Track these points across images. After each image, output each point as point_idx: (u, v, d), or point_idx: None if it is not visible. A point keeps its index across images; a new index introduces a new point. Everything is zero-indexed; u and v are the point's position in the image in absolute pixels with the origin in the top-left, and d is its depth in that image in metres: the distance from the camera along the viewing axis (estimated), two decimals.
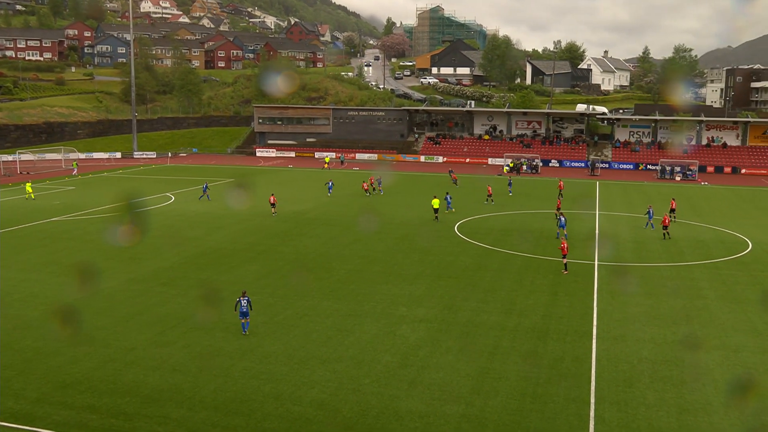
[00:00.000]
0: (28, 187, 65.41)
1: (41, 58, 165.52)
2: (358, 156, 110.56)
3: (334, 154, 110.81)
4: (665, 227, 47.48)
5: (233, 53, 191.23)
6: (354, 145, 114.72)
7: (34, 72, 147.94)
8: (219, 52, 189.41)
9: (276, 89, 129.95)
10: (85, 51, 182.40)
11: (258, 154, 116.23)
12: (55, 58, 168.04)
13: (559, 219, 47.36)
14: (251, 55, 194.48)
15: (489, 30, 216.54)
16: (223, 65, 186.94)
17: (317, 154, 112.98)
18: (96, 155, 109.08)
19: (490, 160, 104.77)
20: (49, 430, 19.73)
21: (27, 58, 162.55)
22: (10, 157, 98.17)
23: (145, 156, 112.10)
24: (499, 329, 28.45)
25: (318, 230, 49.70)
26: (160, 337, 27.23)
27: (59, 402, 21.48)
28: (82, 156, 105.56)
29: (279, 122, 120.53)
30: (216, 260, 40.20)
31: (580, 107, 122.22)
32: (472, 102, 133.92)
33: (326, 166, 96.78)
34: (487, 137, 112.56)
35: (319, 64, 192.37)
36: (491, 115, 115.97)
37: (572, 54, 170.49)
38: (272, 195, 57.34)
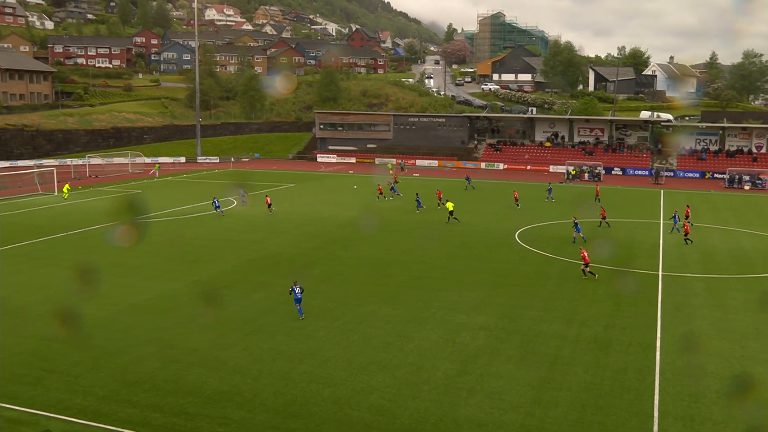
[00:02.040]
0: (66, 188, 69.52)
1: (110, 66, 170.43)
2: (419, 162, 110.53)
3: (395, 160, 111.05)
4: (686, 234, 47.83)
5: (295, 60, 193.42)
6: (414, 151, 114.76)
7: (104, 79, 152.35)
8: (281, 58, 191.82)
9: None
10: (152, 58, 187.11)
11: (319, 159, 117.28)
12: (124, 65, 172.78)
13: (576, 224, 48.08)
14: (313, 62, 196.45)
15: (551, 36, 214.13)
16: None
17: (378, 160, 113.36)
18: (161, 159, 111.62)
19: (551, 168, 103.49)
20: (114, 427, 20.26)
21: (97, 65, 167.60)
22: (80, 161, 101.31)
23: (208, 160, 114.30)
24: (560, 339, 28.03)
25: (379, 236, 49.84)
26: (222, 339, 27.67)
27: (124, 400, 22.03)
28: (148, 160, 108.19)
29: (340, 128, 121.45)
30: (276, 264, 40.68)
31: (645, 114, 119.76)
32: (534, 109, 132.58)
33: (391, 172, 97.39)
34: (548, 144, 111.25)
35: (380, 71, 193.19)
36: (553, 122, 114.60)
37: (636, 60, 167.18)
38: (267, 197, 61.74)
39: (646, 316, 31.28)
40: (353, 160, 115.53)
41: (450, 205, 55.77)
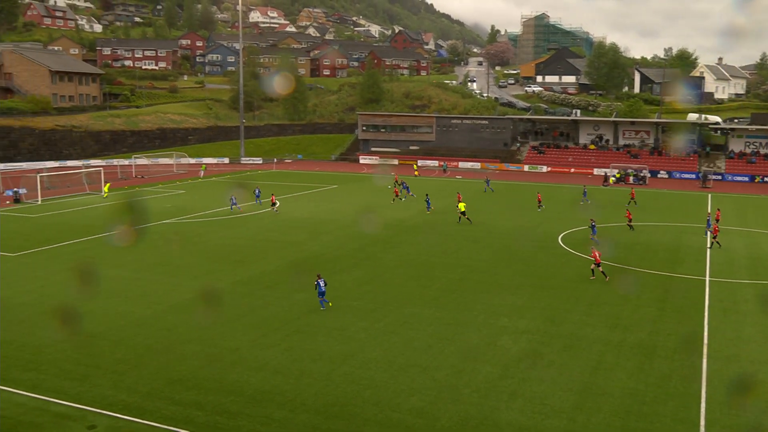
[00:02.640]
0: (106, 187, 71.46)
1: (156, 68, 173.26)
2: (461, 164, 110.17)
3: (437, 162, 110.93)
4: (715, 236, 47.19)
5: (338, 61, 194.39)
6: (457, 153, 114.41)
7: (150, 80, 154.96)
8: (324, 60, 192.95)
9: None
10: (197, 60, 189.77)
11: (361, 161, 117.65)
12: (169, 67, 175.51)
13: (592, 227, 48.39)
14: (356, 63, 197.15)
15: (595, 37, 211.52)
16: (328, 73, 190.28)
17: (420, 162, 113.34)
18: (205, 160, 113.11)
19: (595, 171, 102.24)
20: (158, 424, 20.57)
21: (144, 67, 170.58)
22: (126, 162, 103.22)
23: (251, 161, 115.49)
24: (603, 344, 27.66)
25: (421, 237, 49.80)
26: (264, 339, 27.91)
27: (168, 397, 22.35)
28: (192, 161, 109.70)
29: (382, 130, 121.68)
30: (318, 265, 40.81)
31: (692, 116, 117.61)
32: (578, 111, 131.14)
33: (417, 173, 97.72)
34: (592, 147, 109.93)
35: (423, 72, 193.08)
36: (597, 124, 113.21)
37: (684, 61, 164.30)
38: (272, 195, 64.18)
39: (693, 322, 30.70)
40: (396, 161, 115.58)
41: (462, 206, 56.42)
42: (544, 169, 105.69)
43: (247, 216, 59.12)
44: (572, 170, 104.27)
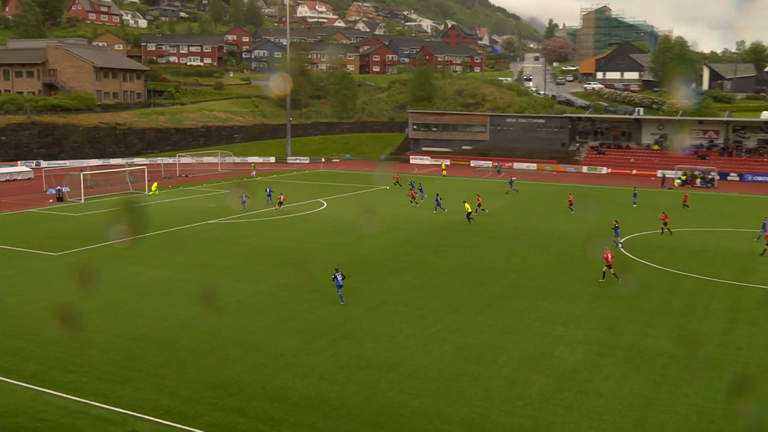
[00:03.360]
0: (154, 186, 73.47)
1: (201, 64, 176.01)
2: (516, 165, 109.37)
3: (491, 162, 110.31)
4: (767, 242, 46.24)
5: (388, 57, 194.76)
6: (512, 153, 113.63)
7: (195, 77, 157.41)
8: (374, 56, 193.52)
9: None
10: (243, 56, 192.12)
11: (412, 161, 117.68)
12: (215, 64, 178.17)
13: (615, 228, 48.26)
14: (406, 60, 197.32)
15: (661, 30, 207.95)
16: (378, 69, 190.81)
17: (473, 162, 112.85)
18: (250, 159, 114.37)
19: (659, 172, 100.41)
20: (200, 430, 20.80)
21: (189, 63, 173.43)
22: (170, 160, 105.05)
23: (298, 161, 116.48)
24: (667, 357, 27.08)
25: (472, 241, 49.56)
26: (309, 344, 28.06)
27: (210, 403, 22.60)
28: (238, 160, 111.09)
29: (434, 129, 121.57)
30: (366, 269, 40.98)
31: (766, 115, 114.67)
32: (641, 109, 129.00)
33: (444, 173, 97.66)
34: (656, 147, 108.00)
35: (477, 69, 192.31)
36: (662, 123, 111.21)
37: (757, 55, 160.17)
38: (281, 194, 65.32)
39: (767, 335, 29.87)
40: (448, 162, 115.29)
41: (468, 207, 57.09)
42: (604, 170, 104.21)
43: (293, 217, 59.60)
44: (634, 172, 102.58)
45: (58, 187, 72.16)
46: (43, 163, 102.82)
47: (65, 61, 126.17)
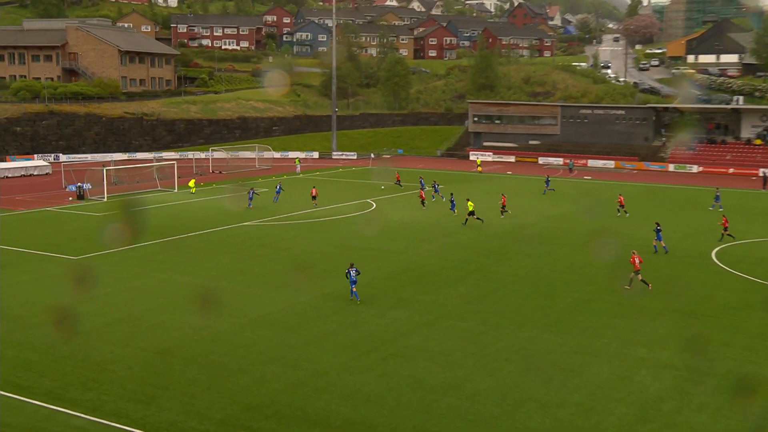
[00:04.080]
0: (192, 183, 75.45)
1: (238, 47, 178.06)
2: (591, 163, 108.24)
3: (562, 159, 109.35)
4: None
5: (446, 41, 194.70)
6: (586, 149, 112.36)
7: (230, 62, 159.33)
8: (430, 39, 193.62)
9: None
10: (284, 39, 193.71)
11: (472, 157, 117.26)
12: (252, 47, 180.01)
13: (657, 231, 48.32)
14: (467, 43, 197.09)
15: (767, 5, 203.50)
16: (434, 54, 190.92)
17: (541, 159, 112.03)
18: (291, 154, 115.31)
19: (761, 171, 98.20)
20: None
21: (223, 47, 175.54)
22: (202, 155, 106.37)
23: (344, 157, 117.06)
24: None
25: (540, 249, 49.16)
26: (355, 362, 28.12)
27: (244, 426, 22.79)
28: (277, 155, 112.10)
29: (497, 121, 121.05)
30: (420, 278, 40.97)
31: None
32: (740, 98, 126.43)
33: (479, 168, 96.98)
34: (758, 142, 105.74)
35: (547, 53, 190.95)
36: (766, 114, 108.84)
37: None
38: (313, 188, 68.22)
39: None
40: (512, 158, 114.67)
41: (470, 205, 57.18)
42: (695, 168, 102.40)
43: (337, 219, 59.90)
44: (731, 170, 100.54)
45: (79, 184, 73.50)
46: (62, 157, 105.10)
47: (87, 44, 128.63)
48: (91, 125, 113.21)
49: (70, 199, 71.31)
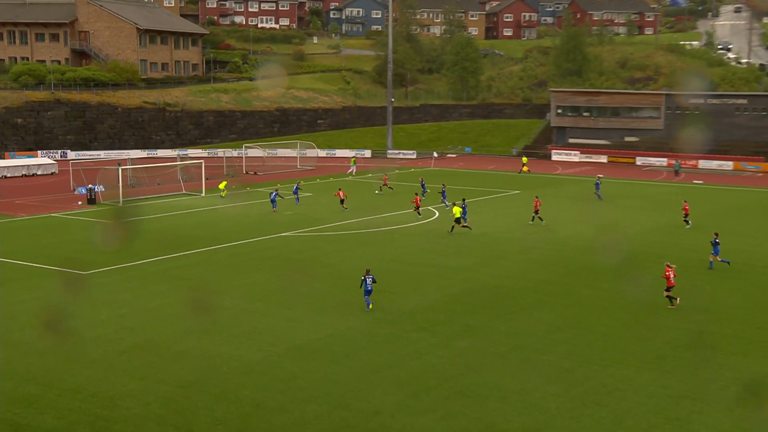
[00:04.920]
0: (222, 185, 75.93)
1: (277, 26, 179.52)
2: (702, 164, 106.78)
3: (666, 160, 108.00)
4: None
5: (525, 17, 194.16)
6: (697, 148, 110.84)
7: (268, 44, 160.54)
8: (505, 15, 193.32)
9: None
10: (331, 16, 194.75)
11: (554, 157, 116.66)
12: (294, 26, 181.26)
13: (714, 243, 48.44)
14: (549, 20, 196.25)
15: None
16: (510, 34, 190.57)
17: (640, 160, 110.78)
18: (339, 153, 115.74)
19: None
20: None
21: (260, 25, 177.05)
22: (235, 152, 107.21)
23: (401, 155, 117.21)
24: None
25: (638, 268, 48.47)
26: (413, 400, 28.02)
27: None
28: (323, 153, 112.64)
29: (586, 113, 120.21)
30: (492, 301, 40.70)
31: None
32: None
33: (525, 168, 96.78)
34: None
35: (649, 30, 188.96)
36: None
37: None
38: (340, 190, 69.92)
39: None
40: (604, 159, 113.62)
41: (457, 211, 58.18)
42: None
43: (393, 230, 59.90)
44: None
45: (90, 186, 74.52)
46: (71, 154, 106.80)
47: (100, 21, 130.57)
48: (105, 117, 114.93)
49: (80, 203, 72.46)
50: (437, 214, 67.46)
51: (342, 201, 68.45)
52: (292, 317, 37.68)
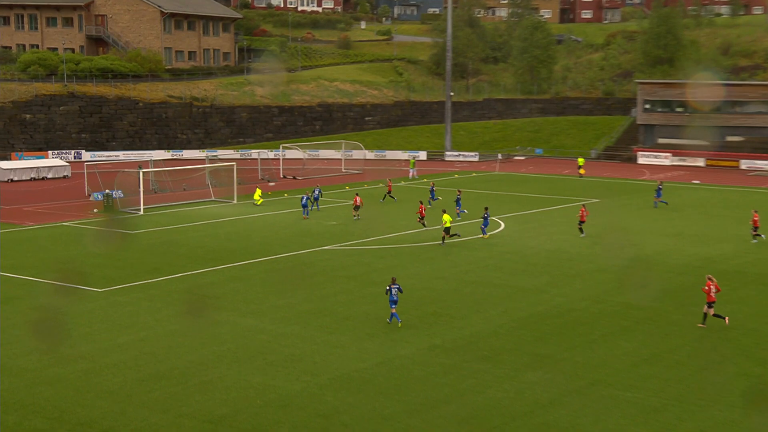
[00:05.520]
0: (257, 194, 76.46)
1: (319, 9, 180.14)
2: None
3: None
4: None
5: None
6: None
7: (309, 30, 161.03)
8: None
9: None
10: None
11: (640, 160, 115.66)
12: (338, 9, 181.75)
13: None
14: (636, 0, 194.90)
15: None
16: (589, 16, 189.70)
17: (745, 163, 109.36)
18: (390, 154, 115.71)
19: None
20: None
21: (300, 8, 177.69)
22: (271, 154, 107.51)
23: (461, 158, 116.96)
24: None
25: (743, 291, 47.94)
26: None
27: None
28: (371, 155, 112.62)
29: (679, 109, 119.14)
30: (566, 327, 40.36)
31: None
32: None
33: (582, 171, 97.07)
34: None
35: (757, 9, 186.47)
36: None
37: None
38: (357, 195, 70.25)
39: None
40: (701, 162, 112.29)
41: (447, 219, 59.13)
42: None
43: (450, 244, 59.72)
44: None
45: (107, 191, 75.20)
46: (85, 155, 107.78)
47: (119, 4, 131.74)
48: (124, 113, 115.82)
49: (95, 210, 73.22)
50: (502, 225, 67.17)
51: (356, 208, 68.77)
52: (336, 343, 37.67)
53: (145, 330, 39.39)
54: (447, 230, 58.89)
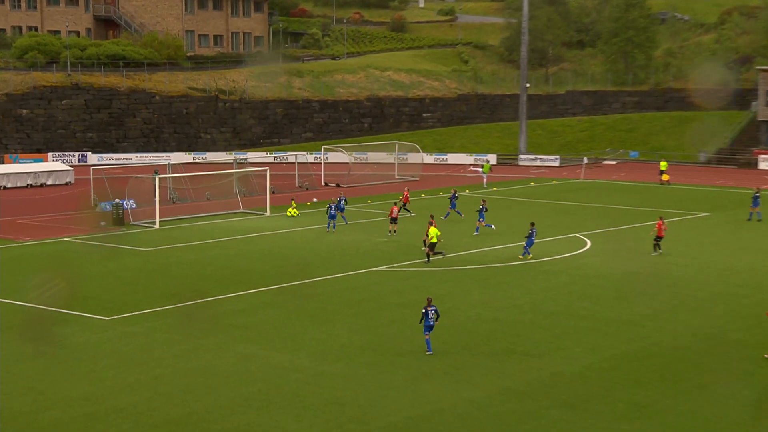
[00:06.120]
0: (292, 206, 77.30)
1: None
2: None
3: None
4: None
5: None
6: None
7: (357, 9, 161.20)
8: None
9: None
10: None
11: (762, 165, 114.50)
12: None
13: None
14: None
15: None
16: None
17: None
18: (452, 158, 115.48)
19: None
20: None
21: None
22: (311, 156, 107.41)
23: (539, 161, 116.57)
24: None
25: None
26: None
27: None
28: (430, 158, 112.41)
29: None
30: (669, 369, 39.88)
31: None
32: None
33: (665, 177, 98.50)
34: None
35: None
36: None
37: None
38: (395, 204, 70.65)
39: None
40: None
41: (434, 232, 59.79)
42: None
43: (524, 265, 59.43)
44: None
45: (116, 201, 75.51)
46: (92, 157, 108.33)
47: None
48: (138, 108, 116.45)
49: (103, 224, 73.58)
50: (588, 243, 66.66)
51: (393, 220, 68.71)
52: (387, 384, 37.45)
53: (160, 367, 39.35)
54: (432, 246, 58.89)
